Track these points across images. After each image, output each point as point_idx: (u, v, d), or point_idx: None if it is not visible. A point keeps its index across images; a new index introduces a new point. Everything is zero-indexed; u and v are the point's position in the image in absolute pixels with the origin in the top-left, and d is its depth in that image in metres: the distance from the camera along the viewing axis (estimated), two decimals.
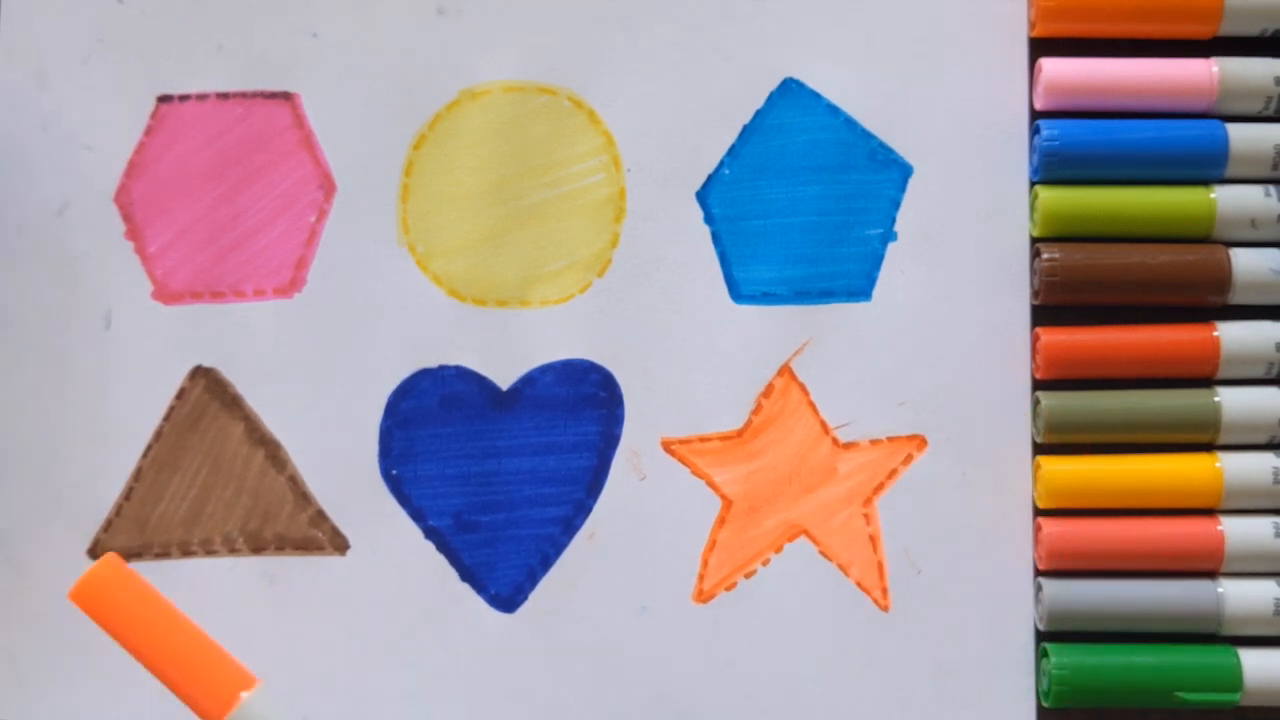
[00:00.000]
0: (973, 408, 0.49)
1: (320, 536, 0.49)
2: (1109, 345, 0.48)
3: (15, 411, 0.49)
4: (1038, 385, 0.49)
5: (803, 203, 0.49)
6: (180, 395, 0.49)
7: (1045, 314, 0.49)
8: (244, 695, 0.40)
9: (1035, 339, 0.49)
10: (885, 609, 0.48)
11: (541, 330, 0.49)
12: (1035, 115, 0.49)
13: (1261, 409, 0.47)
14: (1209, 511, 0.48)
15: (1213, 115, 0.48)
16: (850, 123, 0.50)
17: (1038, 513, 0.48)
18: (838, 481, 0.49)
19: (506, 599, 0.48)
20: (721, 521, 0.49)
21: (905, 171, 0.49)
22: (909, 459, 0.49)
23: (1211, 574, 0.48)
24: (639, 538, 0.49)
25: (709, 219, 0.49)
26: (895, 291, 0.49)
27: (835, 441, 0.49)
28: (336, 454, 0.49)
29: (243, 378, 0.49)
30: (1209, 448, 0.48)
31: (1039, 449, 0.49)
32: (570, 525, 0.49)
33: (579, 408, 0.49)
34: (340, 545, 0.49)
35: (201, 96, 0.50)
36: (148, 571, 0.49)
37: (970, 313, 0.49)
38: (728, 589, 0.48)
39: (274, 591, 0.49)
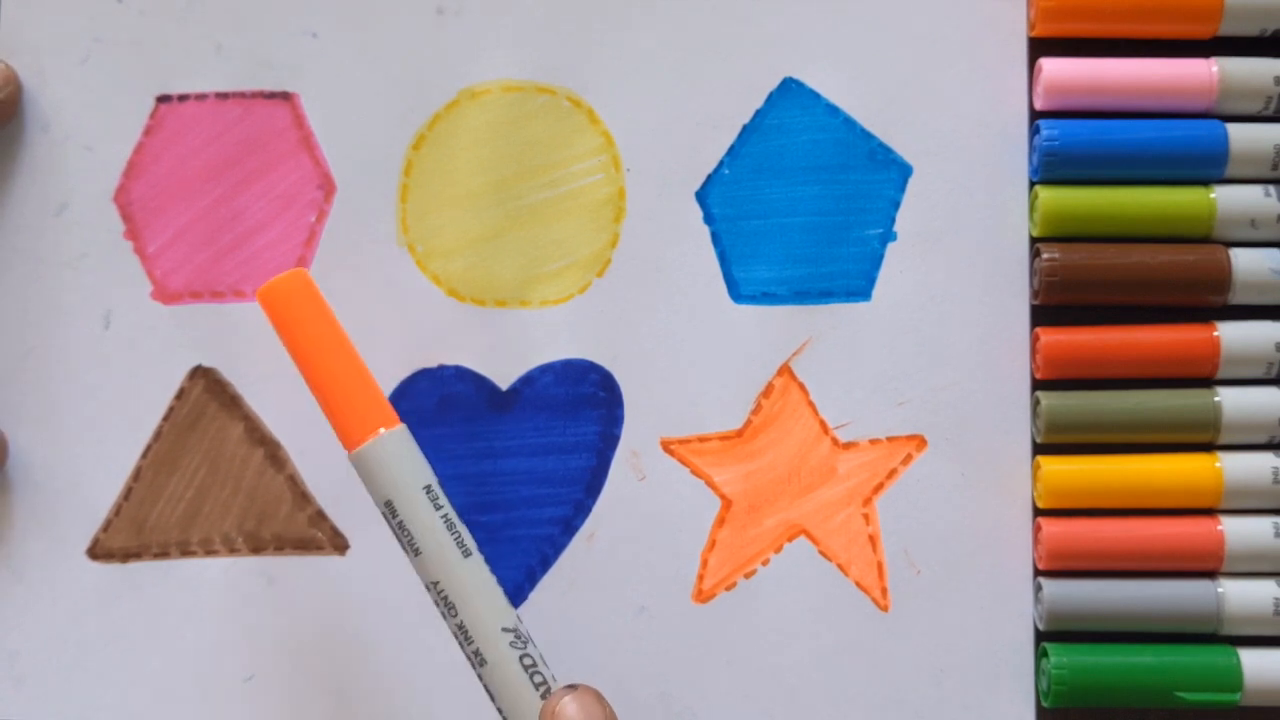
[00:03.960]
0: (972, 408, 0.49)
1: (320, 536, 0.49)
2: (1109, 345, 0.48)
3: (15, 412, 0.49)
4: (1038, 385, 0.49)
5: (802, 203, 0.49)
6: (180, 395, 0.49)
7: (1045, 314, 0.49)
8: (382, 431, 0.42)
9: (1035, 339, 0.49)
10: (885, 609, 0.48)
11: (541, 330, 0.49)
12: (1035, 115, 0.49)
13: (1261, 409, 0.47)
14: (1209, 511, 0.48)
15: (1213, 115, 0.48)
16: (850, 123, 0.50)
17: (1037, 513, 0.48)
18: (837, 481, 0.49)
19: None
20: (721, 521, 0.49)
21: (905, 171, 0.49)
22: (908, 459, 0.49)
23: (1211, 574, 0.48)
24: (639, 538, 0.49)
25: (708, 219, 0.49)
26: (895, 291, 0.49)
27: (835, 441, 0.49)
28: (336, 454, 0.49)
29: (242, 378, 0.49)
30: (1209, 448, 0.48)
31: (1039, 449, 0.49)
32: (569, 526, 0.49)
33: (578, 408, 0.49)
34: (340, 545, 0.49)
35: (201, 96, 0.50)
36: (147, 571, 0.49)
37: (970, 313, 0.49)
38: (727, 589, 0.48)
39: (273, 591, 0.49)
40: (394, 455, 0.43)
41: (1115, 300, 0.48)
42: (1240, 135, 0.48)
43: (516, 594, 0.48)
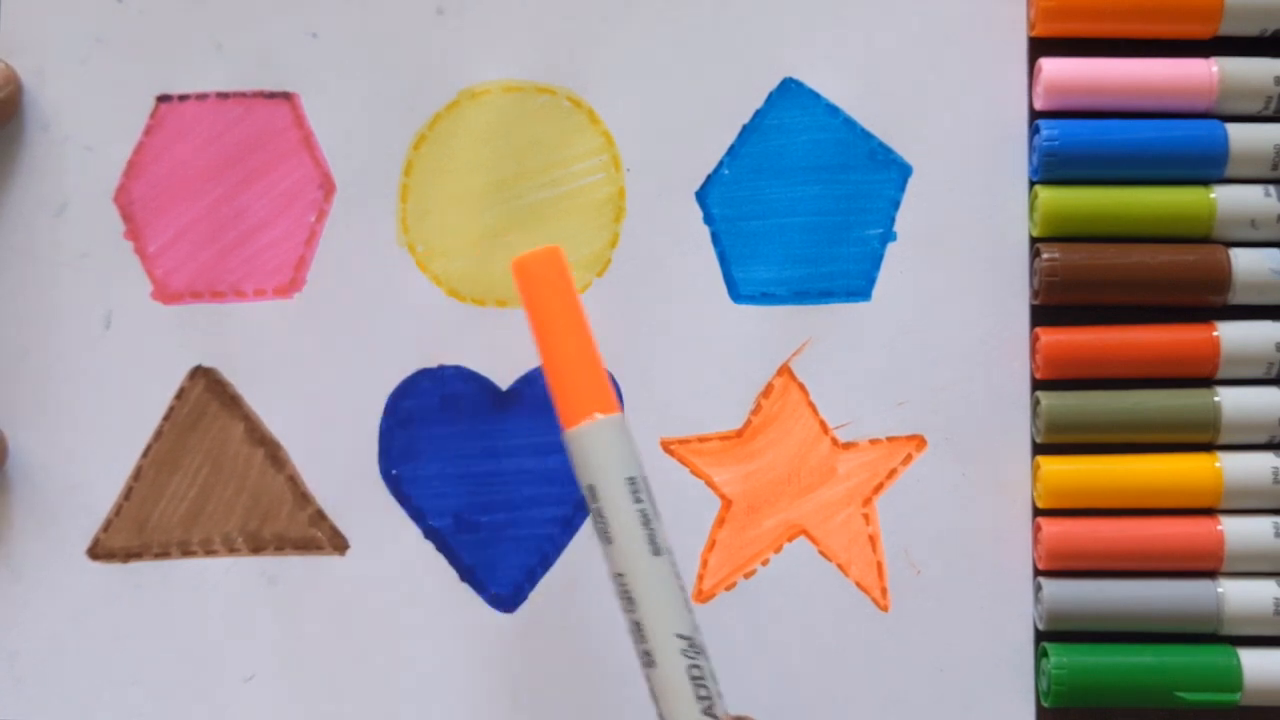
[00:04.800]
0: (972, 408, 0.49)
1: (320, 536, 0.49)
2: (1109, 345, 0.48)
3: (14, 412, 0.49)
4: (1038, 385, 0.49)
5: (802, 203, 0.49)
6: (180, 395, 0.49)
7: (1045, 314, 0.49)
8: (598, 415, 0.42)
9: (1035, 339, 0.49)
10: (885, 609, 0.48)
11: None
12: (1035, 115, 0.49)
13: (1261, 409, 0.47)
14: (1209, 511, 0.48)
15: (1213, 115, 0.48)
16: (850, 122, 0.50)
17: (1037, 513, 0.48)
18: (837, 481, 0.49)
19: (506, 599, 0.48)
20: (721, 521, 0.49)
21: (905, 171, 0.49)
22: (908, 459, 0.49)
23: (1211, 574, 0.48)
24: None
25: (708, 219, 0.49)
26: (895, 291, 0.49)
27: (835, 441, 0.49)
28: (336, 454, 0.49)
29: (243, 378, 0.49)
30: (1209, 448, 0.48)
31: (1039, 449, 0.49)
32: (570, 525, 0.49)
33: None
34: (340, 545, 0.49)
35: (201, 96, 0.50)
36: (147, 571, 0.49)
37: (970, 313, 0.49)
38: (727, 589, 0.48)
39: (274, 591, 0.49)
40: (604, 442, 0.42)
41: (1115, 300, 0.48)
42: (1240, 135, 0.48)
43: (517, 593, 0.48)
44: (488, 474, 0.49)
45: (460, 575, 0.49)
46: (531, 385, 0.49)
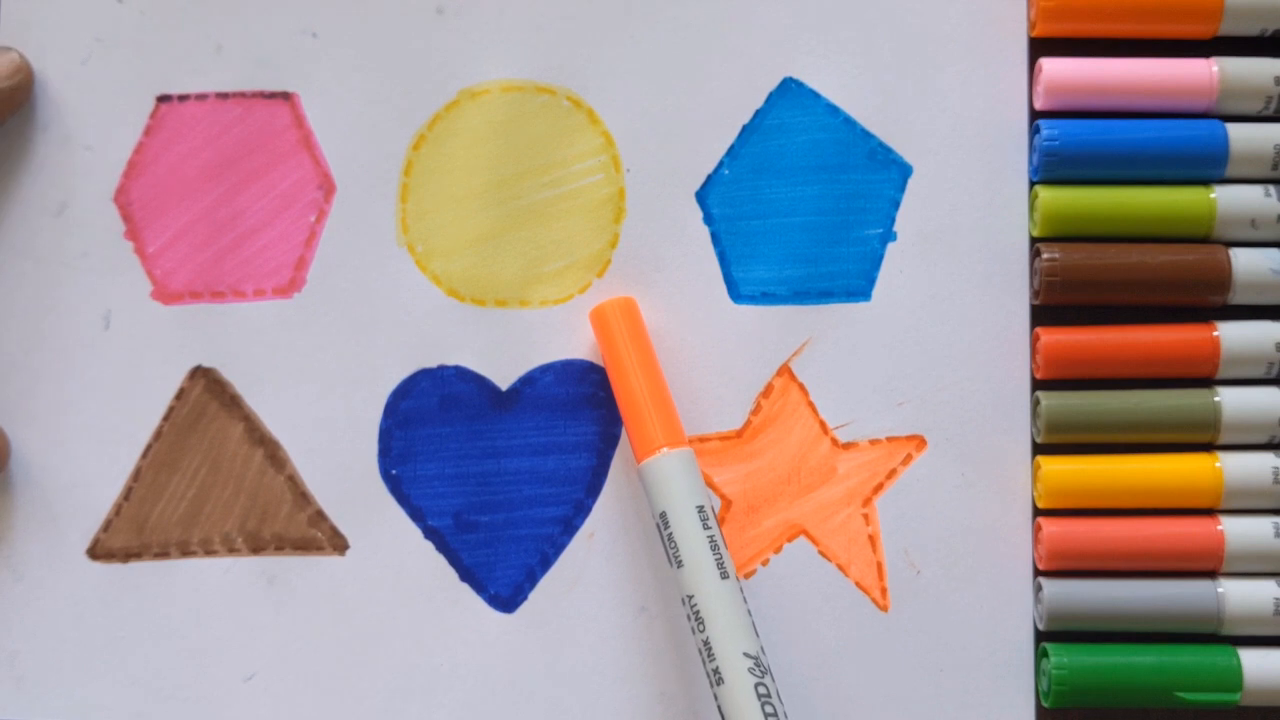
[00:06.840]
0: (973, 408, 0.49)
1: (319, 536, 0.49)
2: (1109, 345, 0.48)
3: (15, 411, 0.49)
4: (1038, 385, 0.49)
5: (802, 202, 0.49)
6: (180, 395, 0.49)
7: (1045, 314, 0.49)
8: (667, 449, 0.46)
9: (1035, 339, 0.49)
10: (885, 609, 0.48)
11: (541, 330, 0.49)
12: (1035, 115, 0.49)
13: (1261, 409, 0.47)
14: (1209, 511, 0.48)
15: (1213, 115, 0.48)
16: (850, 122, 0.50)
17: (1038, 513, 0.48)
18: (837, 481, 0.49)
19: (506, 599, 0.48)
20: (721, 521, 0.49)
21: (905, 171, 0.49)
22: (908, 459, 0.49)
23: (1211, 574, 0.48)
24: (639, 538, 0.49)
25: (708, 219, 0.49)
26: (895, 291, 0.49)
27: (835, 441, 0.49)
28: (336, 454, 0.49)
29: (242, 378, 0.49)
30: (1209, 448, 0.48)
31: (1039, 449, 0.49)
32: (570, 525, 0.49)
33: (578, 408, 0.49)
34: (339, 545, 0.49)
35: (201, 96, 0.50)
36: (147, 571, 0.49)
37: (970, 313, 0.49)
38: None
39: (273, 591, 0.49)
40: (674, 473, 0.46)
41: (1115, 300, 0.48)
42: (1240, 135, 0.48)
43: (516, 594, 0.48)
44: (487, 474, 0.49)
45: (460, 575, 0.49)
46: (531, 385, 0.49)
